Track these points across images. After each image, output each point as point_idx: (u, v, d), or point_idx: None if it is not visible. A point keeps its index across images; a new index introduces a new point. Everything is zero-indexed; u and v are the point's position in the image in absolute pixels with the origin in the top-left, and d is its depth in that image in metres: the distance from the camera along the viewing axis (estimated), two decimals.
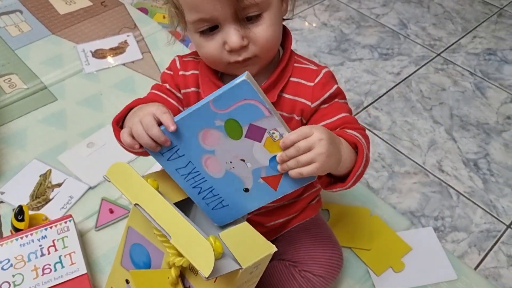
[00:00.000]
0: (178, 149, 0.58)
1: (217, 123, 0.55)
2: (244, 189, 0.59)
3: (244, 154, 0.56)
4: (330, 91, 0.66)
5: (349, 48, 1.43)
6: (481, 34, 1.51)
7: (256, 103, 0.53)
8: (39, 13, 1.46)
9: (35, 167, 1.03)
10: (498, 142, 1.17)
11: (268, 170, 0.56)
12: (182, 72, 0.70)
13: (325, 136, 0.52)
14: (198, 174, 0.60)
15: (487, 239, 0.97)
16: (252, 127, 0.54)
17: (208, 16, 0.57)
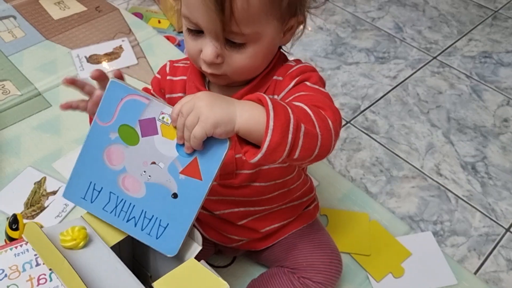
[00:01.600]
0: (94, 184, 0.58)
1: (112, 137, 0.55)
2: (173, 195, 0.55)
3: (151, 155, 0.54)
4: (297, 78, 0.62)
5: (345, 52, 1.42)
6: (476, 37, 1.51)
7: (132, 96, 0.53)
8: (32, 18, 1.44)
9: (29, 175, 1.01)
10: (496, 145, 1.17)
11: (181, 159, 0.53)
12: (170, 77, 0.70)
13: (205, 95, 0.50)
14: (124, 202, 0.57)
15: (487, 243, 0.97)
16: (142, 122, 0.54)
17: (194, 20, 0.57)
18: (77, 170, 0.59)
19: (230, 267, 0.88)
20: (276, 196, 0.74)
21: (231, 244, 0.79)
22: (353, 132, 1.18)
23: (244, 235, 0.77)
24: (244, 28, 0.54)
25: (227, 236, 0.77)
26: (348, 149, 1.13)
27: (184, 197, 0.55)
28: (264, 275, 0.80)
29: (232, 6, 0.52)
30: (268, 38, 0.58)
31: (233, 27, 0.54)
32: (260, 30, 0.56)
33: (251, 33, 0.56)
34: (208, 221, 0.77)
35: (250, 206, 0.74)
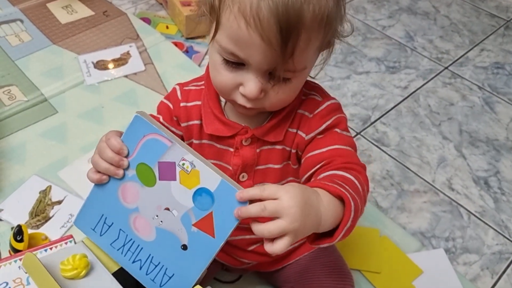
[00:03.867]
0: (105, 217, 0.56)
1: (130, 174, 0.54)
2: (182, 246, 0.53)
3: (166, 201, 0.53)
4: (328, 122, 0.61)
5: (356, 61, 1.40)
6: (488, 47, 1.49)
7: (155, 136, 0.51)
8: (40, 22, 1.43)
9: (34, 183, 1.00)
10: (509, 159, 1.14)
11: (196, 212, 0.51)
12: (184, 103, 0.65)
13: (296, 203, 0.45)
14: (133, 243, 0.56)
15: (500, 261, 0.94)
16: (161, 165, 0.52)
17: (243, 56, 0.52)
18: (90, 199, 0.58)
19: (237, 283, 0.86)
20: None
21: (240, 266, 0.77)
22: (363, 144, 1.15)
23: (253, 258, 0.75)
24: (298, 65, 0.52)
25: (237, 259, 0.75)
26: None
27: (194, 250, 0.53)
28: None
29: (295, 46, 0.49)
30: (310, 69, 0.57)
31: (289, 65, 0.51)
32: (308, 64, 0.55)
33: (302, 69, 0.54)
34: None
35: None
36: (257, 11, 0.47)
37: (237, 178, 0.65)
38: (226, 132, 0.63)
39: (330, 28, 0.53)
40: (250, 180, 0.66)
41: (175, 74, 1.28)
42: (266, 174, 0.65)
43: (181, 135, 0.67)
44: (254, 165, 0.65)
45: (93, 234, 0.58)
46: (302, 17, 0.48)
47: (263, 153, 0.64)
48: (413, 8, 1.63)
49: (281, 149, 0.64)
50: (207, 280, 0.82)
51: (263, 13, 0.47)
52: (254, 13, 0.48)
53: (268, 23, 0.47)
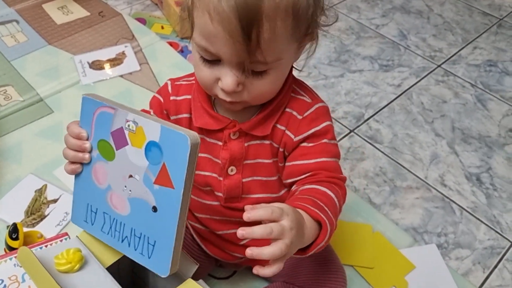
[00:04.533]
0: (90, 205, 0.58)
1: (95, 155, 0.55)
2: (153, 209, 0.52)
3: (127, 169, 0.53)
4: (317, 128, 0.63)
5: (349, 59, 1.42)
6: (481, 45, 1.50)
7: (102, 109, 0.53)
8: (35, 23, 1.44)
9: (30, 182, 1.01)
10: (501, 155, 1.15)
11: (152, 168, 0.51)
12: (173, 97, 0.67)
13: (295, 226, 0.49)
14: (116, 221, 0.56)
15: (491, 256, 0.95)
16: (113, 134, 0.53)
17: (214, 51, 0.54)
18: (76, 193, 0.59)
19: (231, 278, 0.87)
20: None
21: (233, 261, 0.78)
22: (357, 141, 1.17)
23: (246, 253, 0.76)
24: (268, 57, 0.53)
25: (229, 253, 0.76)
26: (352, 158, 1.12)
27: (162, 209, 0.51)
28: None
29: (259, 37, 0.50)
30: (287, 60, 0.57)
31: (258, 57, 0.52)
32: (282, 56, 0.55)
33: (274, 60, 0.54)
34: (209, 238, 0.76)
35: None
36: (218, 5, 0.49)
37: (225, 171, 0.66)
38: (215, 126, 0.64)
39: (302, 18, 0.53)
40: (238, 174, 0.66)
41: (170, 73, 1.28)
42: (256, 168, 0.66)
43: None
44: (242, 159, 0.65)
45: (87, 226, 0.58)
46: (261, 7, 0.49)
47: (252, 147, 0.65)
48: (406, 7, 1.65)
49: (269, 144, 0.65)
50: (201, 277, 0.83)
51: (223, 6, 0.49)
52: (216, 7, 0.50)
53: (228, 16, 0.49)
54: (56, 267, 0.55)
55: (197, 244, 0.78)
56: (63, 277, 0.54)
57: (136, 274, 0.68)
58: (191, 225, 0.78)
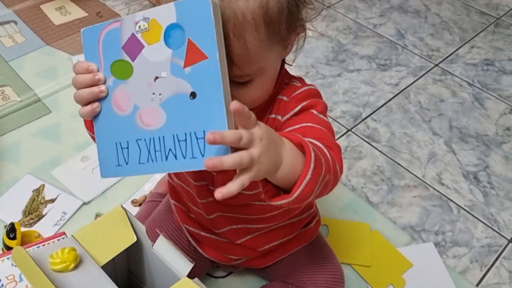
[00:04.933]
0: (119, 143, 0.51)
1: (111, 82, 0.50)
2: (191, 97, 0.46)
3: (149, 72, 0.48)
4: (303, 103, 0.60)
5: (347, 59, 1.42)
6: (478, 44, 1.51)
7: (105, 30, 0.49)
8: (33, 23, 1.44)
9: (28, 182, 1.01)
10: (498, 154, 1.16)
11: (178, 53, 0.46)
12: None
13: (266, 135, 0.45)
14: (154, 140, 0.49)
15: (489, 254, 0.96)
16: (125, 47, 0.48)
17: None
18: (100, 141, 0.52)
19: (228, 277, 0.87)
20: (277, 214, 0.73)
21: (230, 263, 0.78)
22: (354, 141, 1.17)
23: (242, 254, 0.76)
24: (247, 69, 0.52)
25: (226, 255, 0.76)
26: (349, 157, 1.12)
27: (201, 88, 0.45)
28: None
29: (231, 55, 0.49)
30: (273, 64, 0.56)
31: (236, 72, 0.51)
32: (264, 63, 0.53)
33: (256, 70, 0.53)
34: (205, 240, 0.76)
35: (250, 223, 0.72)
36: None
37: None
38: None
39: (277, 23, 0.51)
40: (232, 171, 0.66)
41: None
42: None
43: None
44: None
45: (122, 170, 0.52)
46: (225, 28, 0.46)
47: None
48: (404, 7, 1.65)
49: None
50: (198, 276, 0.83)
51: None
52: None
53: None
54: (51, 266, 0.55)
55: (193, 247, 0.78)
56: (58, 276, 0.55)
57: (132, 273, 0.68)
58: (187, 229, 0.77)
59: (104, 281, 0.54)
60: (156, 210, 0.85)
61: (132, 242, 0.59)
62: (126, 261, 0.66)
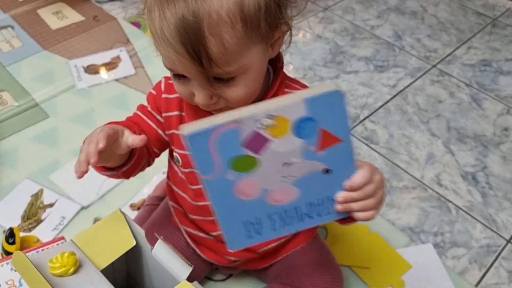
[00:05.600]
0: (249, 220, 0.52)
1: (231, 177, 0.49)
2: (323, 172, 0.50)
3: (279, 161, 0.49)
4: None
5: (344, 61, 1.42)
6: (475, 45, 1.51)
7: (217, 132, 0.46)
8: (30, 28, 1.44)
9: (26, 187, 1.01)
10: (496, 154, 1.16)
11: (310, 140, 0.48)
12: (165, 95, 0.67)
13: (382, 181, 0.52)
14: (287, 211, 0.52)
15: (488, 254, 0.96)
16: (246, 143, 0.47)
17: (177, 72, 0.55)
18: (224, 223, 0.53)
19: (227, 281, 0.87)
20: None
21: (228, 264, 0.78)
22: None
23: (240, 255, 0.76)
24: (227, 67, 0.52)
25: (224, 256, 0.76)
26: None
27: (335, 166, 0.49)
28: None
29: (209, 54, 0.50)
30: (256, 62, 0.56)
31: (216, 70, 0.52)
32: (245, 61, 0.53)
33: (237, 68, 0.53)
34: (203, 241, 0.76)
35: None
36: (161, 33, 0.50)
37: None
38: None
39: (255, 20, 0.51)
40: None
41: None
42: None
43: (162, 122, 0.69)
44: None
45: (255, 239, 0.53)
46: (200, 26, 0.48)
47: None
48: (401, 8, 1.65)
49: None
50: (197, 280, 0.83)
51: (165, 34, 0.49)
52: (160, 36, 0.50)
53: (172, 43, 0.49)
54: (51, 271, 0.55)
55: (192, 249, 0.78)
56: (58, 280, 0.54)
57: (132, 277, 0.68)
58: (185, 230, 0.77)
59: (104, 285, 0.54)
60: (154, 213, 0.85)
61: (131, 246, 0.59)
62: (125, 265, 0.66)
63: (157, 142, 0.70)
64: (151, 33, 0.53)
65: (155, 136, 0.69)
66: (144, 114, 0.69)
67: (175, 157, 0.69)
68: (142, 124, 0.68)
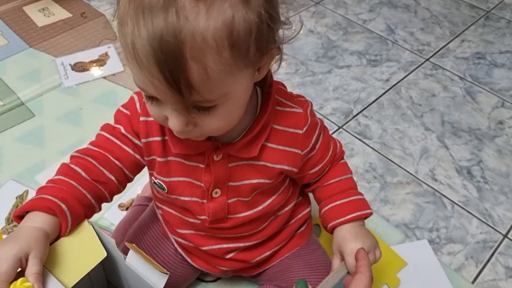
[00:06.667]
0: None
1: None
2: None
3: None
4: (316, 131, 0.65)
5: (337, 55, 1.40)
6: (469, 37, 1.49)
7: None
8: (16, 26, 1.41)
9: (11, 188, 0.98)
10: (491, 148, 1.14)
11: None
12: (144, 118, 0.59)
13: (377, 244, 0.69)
14: None
15: (484, 250, 0.94)
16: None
17: (151, 95, 0.48)
18: None
19: (219, 281, 0.85)
20: (268, 226, 0.70)
21: (219, 273, 0.75)
22: (346, 138, 1.15)
23: (232, 265, 0.73)
24: (209, 96, 0.46)
25: (215, 266, 0.73)
26: None
27: None
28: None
29: (189, 81, 0.43)
30: (240, 89, 0.50)
31: (196, 98, 0.45)
32: (229, 89, 0.47)
33: (220, 96, 0.47)
34: (193, 252, 0.73)
35: (240, 242, 0.70)
36: (134, 52, 0.43)
37: (209, 195, 0.62)
38: (196, 150, 0.59)
39: (244, 45, 0.45)
40: (223, 196, 0.63)
41: None
42: (241, 189, 0.63)
43: (139, 147, 0.62)
44: (226, 181, 0.62)
45: None
46: (181, 50, 0.41)
47: (237, 168, 0.61)
48: (393, 1, 1.63)
49: (261, 165, 0.61)
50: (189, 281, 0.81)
51: (139, 55, 0.43)
52: (133, 55, 0.43)
53: (147, 66, 0.43)
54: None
55: (180, 255, 0.75)
56: None
57: (112, 284, 0.65)
58: (174, 239, 0.74)
59: None
60: (141, 216, 0.81)
61: (102, 258, 0.54)
62: (103, 274, 0.63)
63: (134, 168, 0.63)
64: (122, 47, 0.46)
65: (133, 162, 0.62)
66: (116, 138, 0.61)
67: (158, 184, 0.64)
68: (115, 150, 0.61)
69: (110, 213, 0.94)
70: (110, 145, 0.61)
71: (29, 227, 0.52)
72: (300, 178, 0.70)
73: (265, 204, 0.66)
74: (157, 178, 0.63)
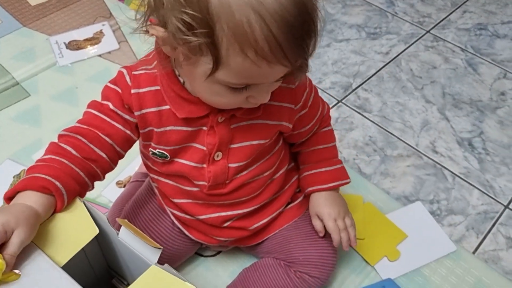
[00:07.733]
0: None
1: None
2: None
3: None
4: (307, 88, 0.66)
5: (336, 29, 1.37)
6: (471, 8, 1.46)
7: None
8: (9, 5, 1.38)
9: (8, 168, 0.97)
10: (493, 119, 1.13)
11: None
12: (135, 90, 0.58)
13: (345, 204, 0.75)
14: None
15: (485, 221, 0.93)
16: None
17: (259, 82, 0.51)
18: None
19: (218, 256, 0.84)
20: (264, 191, 0.70)
21: (217, 244, 0.75)
22: (345, 111, 1.13)
23: (231, 235, 0.73)
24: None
25: (213, 237, 0.73)
26: (340, 129, 1.09)
27: None
28: (258, 266, 0.76)
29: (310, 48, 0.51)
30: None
31: (299, 63, 0.51)
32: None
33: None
34: (190, 223, 0.72)
35: (237, 209, 0.69)
36: (275, 47, 0.46)
37: (212, 158, 0.62)
38: (200, 112, 0.58)
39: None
40: (224, 159, 0.63)
41: (150, 50, 1.24)
42: (241, 151, 0.63)
43: (135, 122, 0.61)
44: (229, 142, 0.62)
45: None
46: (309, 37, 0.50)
47: (239, 129, 0.61)
48: None
49: (263, 124, 0.62)
50: (186, 257, 0.80)
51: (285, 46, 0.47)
52: (276, 50, 0.46)
53: (291, 51, 0.47)
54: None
55: (178, 228, 0.75)
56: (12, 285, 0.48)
57: (113, 269, 0.65)
58: (170, 212, 0.74)
59: (65, 282, 0.49)
60: (138, 191, 0.81)
61: (94, 234, 0.53)
62: (102, 258, 0.63)
63: (125, 144, 0.62)
64: (225, 41, 0.46)
65: (123, 137, 0.61)
66: (105, 115, 0.60)
67: (159, 153, 0.63)
68: (104, 127, 0.60)
69: (108, 190, 0.94)
70: (99, 122, 0.60)
71: (22, 205, 0.51)
72: (290, 137, 0.71)
73: (260, 162, 0.67)
74: (157, 148, 0.63)
